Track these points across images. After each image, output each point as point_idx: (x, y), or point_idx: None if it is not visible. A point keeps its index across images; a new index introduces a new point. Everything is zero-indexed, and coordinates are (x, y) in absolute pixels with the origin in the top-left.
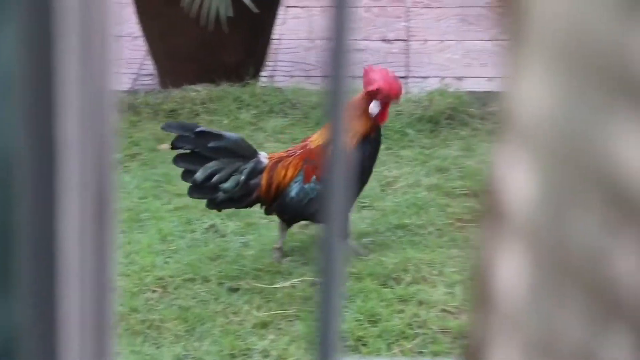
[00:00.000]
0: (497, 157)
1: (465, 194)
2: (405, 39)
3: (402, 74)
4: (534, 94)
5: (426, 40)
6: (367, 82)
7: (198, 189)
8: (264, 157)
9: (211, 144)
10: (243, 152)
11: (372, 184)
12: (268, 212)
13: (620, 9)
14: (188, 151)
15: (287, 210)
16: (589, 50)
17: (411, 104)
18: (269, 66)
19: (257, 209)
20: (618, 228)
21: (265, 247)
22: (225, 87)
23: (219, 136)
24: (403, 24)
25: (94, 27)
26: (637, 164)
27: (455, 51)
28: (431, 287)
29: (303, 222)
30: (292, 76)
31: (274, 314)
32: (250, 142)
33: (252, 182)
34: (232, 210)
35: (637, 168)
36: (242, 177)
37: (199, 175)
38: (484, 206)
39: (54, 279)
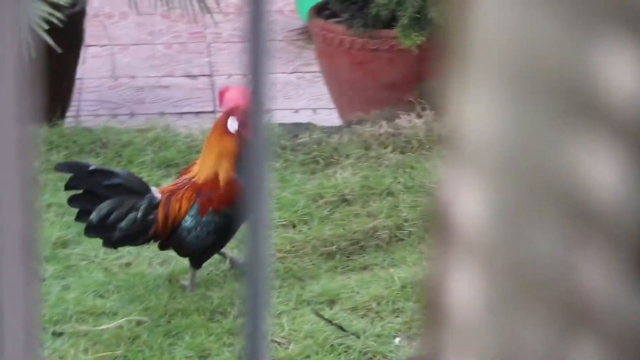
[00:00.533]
0: (445, 178)
1: (283, 225)
2: (210, 74)
3: (210, 109)
4: (480, 115)
5: (230, 75)
6: (224, 102)
7: (94, 229)
8: (156, 192)
9: (105, 182)
10: (137, 188)
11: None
12: (163, 247)
13: (572, 26)
14: (81, 191)
15: (184, 244)
16: (538, 69)
17: None
18: (73, 106)
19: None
20: (579, 239)
21: (87, 289)
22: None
23: (112, 174)
24: (206, 59)
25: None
26: (594, 176)
27: None
28: None
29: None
30: (97, 115)
31: (101, 356)
32: (63, 184)
33: (149, 218)
34: (50, 253)
35: (593, 180)
36: (139, 214)
37: (94, 215)
38: (433, 226)
39: None
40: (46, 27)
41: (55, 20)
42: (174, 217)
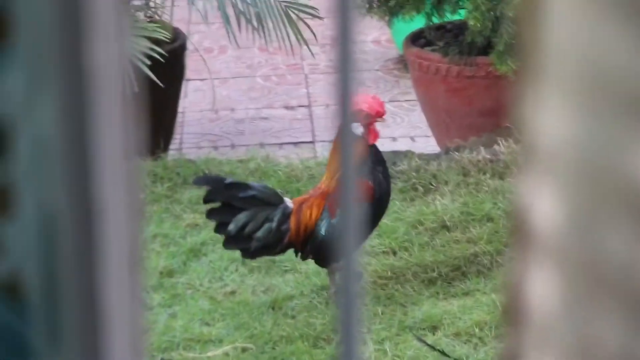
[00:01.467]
0: (522, 185)
1: (384, 252)
2: (308, 104)
3: (309, 139)
4: (554, 123)
5: (328, 105)
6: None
7: (232, 240)
8: (289, 202)
9: (241, 195)
10: (270, 200)
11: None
12: (304, 257)
13: (636, 38)
14: (219, 204)
15: (322, 249)
16: (608, 80)
17: (323, 167)
18: (176, 139)
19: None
20: None
21: (193, 317)
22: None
23: (247, 186)
24: (304, 90)
25: (123, 94)
26: None
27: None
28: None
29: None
30: (199, 147)
31: None
32: (167, 215)
33: (283, 227)
34: (157, 282)
35: None
36: (274, 224)
37: (232, 227)
38: (513, 231)
39: (97, 331)
40: (148, 62)
41: (156, 55)
42: (305, 224)
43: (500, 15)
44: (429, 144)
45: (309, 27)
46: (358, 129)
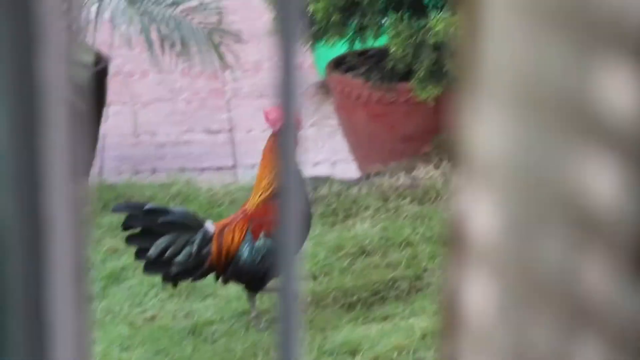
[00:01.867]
0: (458, 194)
1: (312, 277)
2: (229, 129)
3: (230, 164)
4: (491, 134)
5: (250, 130)
6: (272, 123)
7: (152, 266)
8: (210, 226)
9: (160, 220)
10: (190, 224)
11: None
12: (225, 281)
13: (575, 51)
14: (138, 230)
15: (244, 272)
16: (544, 91)
17: (245, 192)
18: (96, 163)
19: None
20: (583, 246)
21: (112, 342)
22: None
23: (166, 211)
24: (225, 114)
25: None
26: (595, 188)
27: None
28: None
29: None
30: (120, 172)
31: None
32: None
33: (204, 251)
34: None
35: (595, 191)
36: (194, 248)
37: (152, 251)
38: (450, 240)
39: (43, 343)
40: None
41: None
42: (227, 248)
43: (421, 42)
44: (349, 169)
45: (231, 52)
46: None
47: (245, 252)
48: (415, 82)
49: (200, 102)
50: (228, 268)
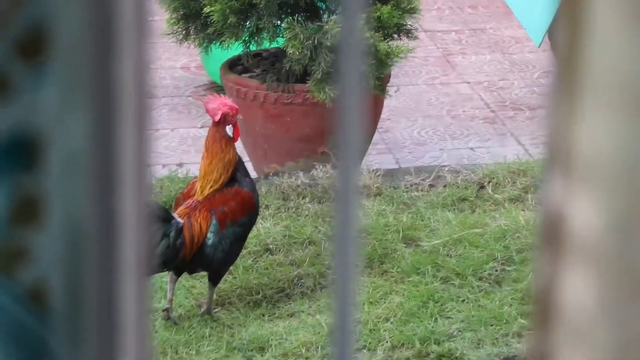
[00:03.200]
0: (557, 190)
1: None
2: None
3: None
4: (593, 133)
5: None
6: (213, 113)
7: None
8: (177, 217)
9: None
10: (164, 216)
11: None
12: (191, 271)
13: None
14: None
15: (213, 261)
16: None
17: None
18: None
19: None
20: None
21: None
22: None
23: None
24: None
25: (144, 113)
26: None
27: (170, 139)
28: None
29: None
30: None
31: None
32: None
33: (178, 242)
34: None
35: None
36: (171, 240)
37: None
38: (546, 234)
39: (113, 338)
40: None
41: None
42: (197, 238)
43: (318, 44)
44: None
45: None
46: (229, 130)
47: (210, 240)
48: (312, 84)
49: None
50: (195, 257)
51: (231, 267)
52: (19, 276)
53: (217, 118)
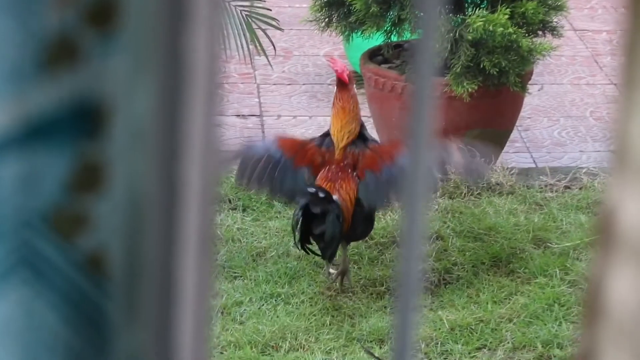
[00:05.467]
0: (612, 186)
1: (333, 264)
2: (259, 114)
3: None
4: None
5: (279, 116)
6: (340, 73)
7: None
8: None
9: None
10: (328, 197)
11: (242, 254)
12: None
13: None
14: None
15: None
16: None
17: None
18: None
19: None
20: None
21: None
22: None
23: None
24: (255, 100)
25: (213, 85)
26: None
27: (308, 126)
28: (309, 354)
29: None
30: None
31: None
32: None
33: (341, 219)
34: None
35: None
36: (340, 220)
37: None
38: (599, 230)
39: (170, 309)
40: None
41: None
42: (350, 206)
43: (458, 37)
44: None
45: (268, 37)
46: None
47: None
48: (451, 77)
49: (230, 86)
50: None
51: (357, 258)
52: (79, 242)
53: (347, 79)
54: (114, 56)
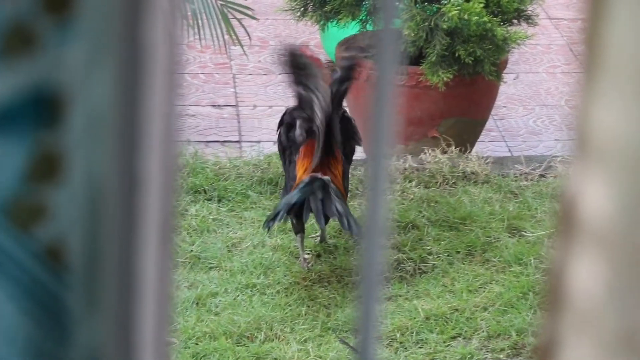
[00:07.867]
0: (572, 173)
1: (308, 254)
2: (235, 104)
3: (236, 138)
4: (609, 116)
5: (255, 106)
6: (316, 59)
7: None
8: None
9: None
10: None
11: (217, 245)
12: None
13: None
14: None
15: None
16: None
17: (250, 167)
18: None
19: None
20: None
21: None
22: None
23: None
24: (231, 90)
25: (173, 74)
26: None
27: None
28: (285, 344)
29: None
30: None
31: None
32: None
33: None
34: None
35: None
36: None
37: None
38: (559, 216)
39: (131, 298)
40: None
41: None
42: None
43: (433, 26)
44: (357, 151)
45: (244, 27)
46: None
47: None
48: (426, 66)
49: (206, 76)
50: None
51: (333, 248)
52: (37, 233)
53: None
54: (71, 44)
